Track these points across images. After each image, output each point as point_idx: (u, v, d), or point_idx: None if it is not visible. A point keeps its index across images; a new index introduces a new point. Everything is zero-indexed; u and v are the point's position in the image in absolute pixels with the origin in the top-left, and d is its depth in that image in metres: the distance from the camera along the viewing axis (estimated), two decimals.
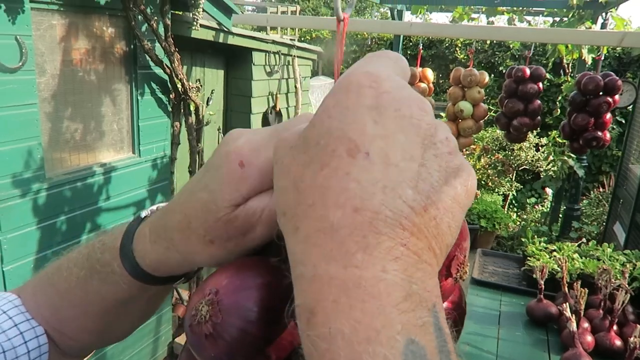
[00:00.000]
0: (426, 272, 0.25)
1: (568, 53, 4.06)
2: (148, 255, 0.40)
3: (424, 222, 0.25)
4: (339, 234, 0.24)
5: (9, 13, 1.87)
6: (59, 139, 2.24)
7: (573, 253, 2.46)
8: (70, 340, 0.48)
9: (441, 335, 0.24)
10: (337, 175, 0.25)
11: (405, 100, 0.27)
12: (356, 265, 0.24)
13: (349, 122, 0.26)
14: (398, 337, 0.22)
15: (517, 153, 5.79)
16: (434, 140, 0.27)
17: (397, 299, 0.23)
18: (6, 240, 1.99)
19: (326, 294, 0.24)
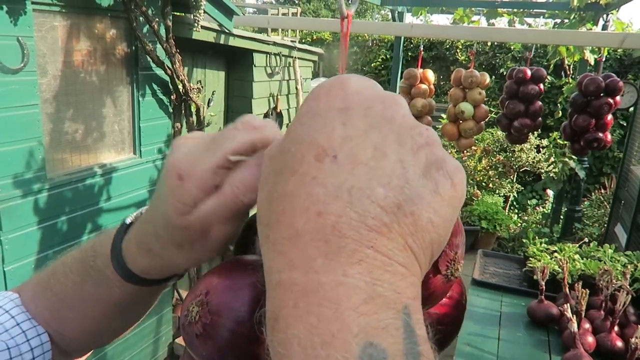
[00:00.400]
0: (397, 273, 0.24)
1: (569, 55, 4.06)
2: (138, 262, 0.41)
3: (397, 220, 0.25)
4: (302, 239, 0.24)
5: (10, 14, 1.87)
6: (61, 140, 2.24)
7: (574, 254, 2.46)
8: (70, 340, 0.49)
9: (411, 337, 0.23)
10: (305, 181, 0.25)
11: (376, 97, 0.27)
12: (316, 271, 0.23)
13: (319, 127, 0.26)
14: (354, 340, 0.22)
15: (518, 154, 5.79)
16: (411, 133, 0.27)
17: (357, 302, 0.23)
18: (7, 241, 1.99)
19: (287, 300, 0.24)
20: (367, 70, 7.92)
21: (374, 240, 0.24)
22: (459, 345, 1.98)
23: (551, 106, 6.53)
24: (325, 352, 0.22)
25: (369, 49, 7.83)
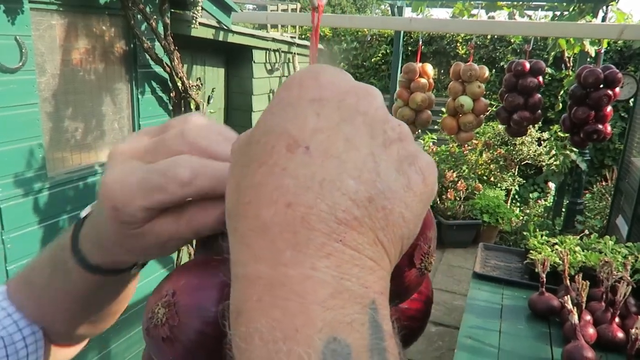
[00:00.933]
0: (365, 267, 0.24)
1: (569, 47, 4.05)
2: (93, 256, 0.41)
3: (368, 214, 0.24)
4: (271, 232, 0.23)
5: (8, 13, 1.88)
6: (60, 139, 2.25)
7: (575, 246, 2.46)
8: (53, 333, 0.49)
9: (377, 332, 0.23)
10: (274, 172, 0.24)
11: (349, 89, 0.26)
12: (284, 264, 0.23)
13: (290, 117, 0.25)
14: (318, 335, 0.22)
15: (519, 148, 5.77)
16: (384, 127, 0.26)
17: (324, 296, 0.22)
18: (9, 240, 2.00)
19: (251, 293, 0.23)
20: (367, 66, 7.91)
21: (344, 233, 0.23)
22: (460, 338, 1.99)
23: (552, 99, 6.51)
24: (287, 347, 0.21)
25: (368, 44, 7.81)
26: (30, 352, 0.47)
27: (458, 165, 5.79)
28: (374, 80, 7.89)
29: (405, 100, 2.94)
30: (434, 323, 3.86)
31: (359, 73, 8.01)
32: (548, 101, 6.73)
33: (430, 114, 3.00)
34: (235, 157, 0.27)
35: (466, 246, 5.20)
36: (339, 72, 0.27)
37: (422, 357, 3.44)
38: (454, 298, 4.15)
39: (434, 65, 7.41)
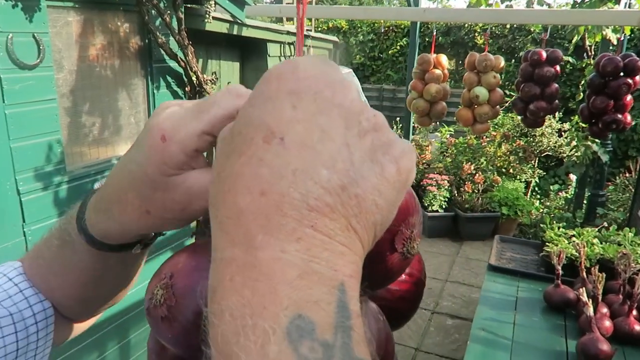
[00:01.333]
0: (336, 252, 0.25)
1: (590, 35, 3.96)
2: (96, 225, 0.42)
3: (340, 201, 0.25)
4: (246, 218, 0.25)
5: (26, 11, 1.92)
6: (78, 133, 2.30)
7: (593, 238, 2.42)
8: (60, 307, 0.51)
9: (343, 312, 0.24)
10: (251, 162, 0.25)
11: (325, 82, 0.27)
12: (256, 247, 0.24)
13: (269, 109, 0.26)
14: (284, 312, 0.23)
15: (539, 139, 5.68)
16: (359, 118, 0.27)
17: (291, 277, 0.24)
18: (30, 232, 2.06)
19: (225, 274, 0.24)
20: (384, 58, 7.85)
21: (315, 219, 0.25)
22: (473, 330, 1.98)
23: (573, 89, 6.38)
24: (253, 322, 0.23)
25: (385, 36, 7.74)
26: (40, 329, 0.48)
27: (476, 158, 5.73)
28: (391, 72, 7.83)
29: (420, 92, 2.92)
30: (450, 316, 3.85)
31: (376, 65, 7.96)
32: (569, 91, 6.59)
33: (445, 106, 2.97)
34: (219, 147, 0.29)
35: (484, 239, 5.15)
36: (317, 65, 0.28)
37: (438, 349, 3.44)
38: (472, 291, 4.13)
39: (452, 56, 7.32)
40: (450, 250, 5.06)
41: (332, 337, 0.23)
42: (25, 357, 0.48)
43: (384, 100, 7.64)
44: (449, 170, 5.64)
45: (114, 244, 0.43)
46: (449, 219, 5.31)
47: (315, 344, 0.22)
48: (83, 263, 0.45)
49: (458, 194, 5.40)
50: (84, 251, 0.44)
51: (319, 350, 0.22)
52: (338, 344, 0.23)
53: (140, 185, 0.37)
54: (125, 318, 2.60)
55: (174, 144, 0.35)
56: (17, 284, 0.48)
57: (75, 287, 0.48)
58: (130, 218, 0.39)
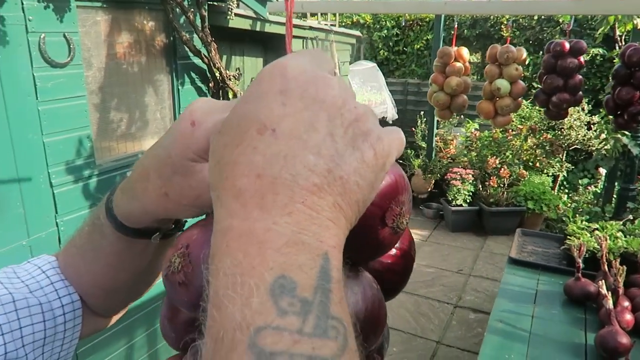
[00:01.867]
0: (322, 225, 0.28)
1: (620, 25, 3.85)
2: (120, 206, 0.46)
3: (327, 182, 0.29)
4: (243, 196, 0.29)
5: (57, 12, 2.01)
6: (107, 128, 2.39)
7: (617, 232, 2.38)
8: (88, 296, 0.54)
9: (324, 277, 0.27)
10: (247, 151, 0.29)
11: (310, 81, 0.31)
12: (251, 219, 0.28)
13: (261, 106, 0.30)
14: (269, 272, 0.26)
15: (567, 132, 5.56)
16: (341, 111, 0.31)
17: (280, 244, 0.27)
18: (62, 223, 2.17)
19: (223, 241, 0.28)
20: (409, 52, 7.79)
21: (305, 197, 0.28)
22: (491, 322, 1.98)
23: (603, 80, 6.21)
24: (242, 279, 0.26)
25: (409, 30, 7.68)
26: (67, 320, 0.52)
27: (501, 151, 5.65)
28: (415, 67, 7.77)
29: (440, 85, 2.91)
30: (472, 310, 3.83)
31: (400, 59, 7.91)
32: (600, 83, 6.42)
33: (466, 98, 2.96)
34: (216, 139, 0.33)
35: (509, 234, 5.08)
36: (303, 64, 0.32)
37: (461, 343, 3.43)
38: (495, 285, 4.09)
39: (478, 49, 7.21)
40: (474, 245, 5.02)
41: (312, 295, 0.26)
42: (52, 345, 0.51)
43: (408, 94, 7.59)
44: (473, 165, 5.58)
45: (135, 227, 0.47)
46: (473, 214, 5.26)
47: (295, 300, 0.25)
48: (109, 248, 0.49)
49: (483, 188, 5.35)
50: (111, 234, 0.48)
51: (297, 305, 0.25)
52: (316, 301, 0.26)
53: (163, 167, 0.41)
54: (153, 306, 2.70)
55: (201, 130, 0.39)
56: (49, 276, 0.52)
57: (102, 273, 0.52)
58: (151, 198, 0.43)
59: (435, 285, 4.18)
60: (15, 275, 0.52)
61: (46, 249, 2.09)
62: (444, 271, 4.44)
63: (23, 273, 0.52)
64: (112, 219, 0.47)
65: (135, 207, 0.45)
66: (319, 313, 0.26)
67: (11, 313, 0.47)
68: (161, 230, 0.49)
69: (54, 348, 0.51)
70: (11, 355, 0.46)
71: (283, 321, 0.25)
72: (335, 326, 0.26)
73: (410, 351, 3.33)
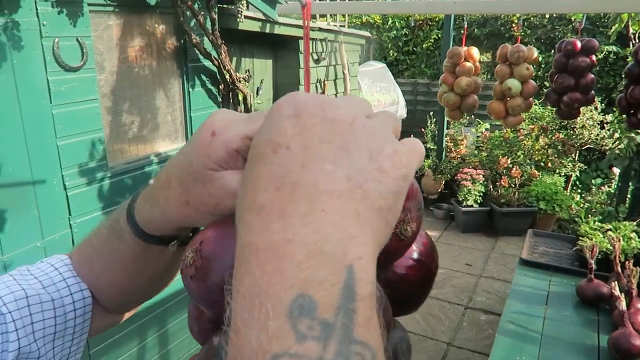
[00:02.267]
0: (345, 234, 0.27)
1: (634, 22, 3.81)
2: (141, 212, 0.47)
3: (347, 189, 0.29)
4: (264, 211, 0.28)
5: (70, 17, 2.04)
6: (119, 131, 2.42)
7: (631, 232, 2.36)
8: (103, 295, 0.56)
9: (348, 294, 0.25)
10: (265, 167, 0.30)
11: (318, 105, 0.32)
12: (271, 232, 0.27)
13: (274, 130, 0.31)
14: (287, 291, 0.25)
15: (579, 132, 5.50)
16: (351, 128, 0.32)
17: (300, 257, 0.26)
18: (76, 224, 2.20)
19: (242, 257, 0.28)
20: (418, 52, 7.77)
21: (326, 203, 0.27)
22: (502, 323, 1.97)
23: (616, 79, 6.14)
24: (259, 301, 0.25)
25: (419, 29, 7.66)
26: (77, 315, 0.53)
27: (513, 151, 5.61)
28: (425, 67, 7.74)
29: (450, 85, 2.90)
30: (484, 311, 3.81)
31: (410, 59, 7.89)
32: (613, 81, 6.35)
33: (476, 99, 2.94)
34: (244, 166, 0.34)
35: (521, 234, 5.04)
36: (311, 96, 0.33)
37: (472, 344, 3.42)
38: (506, 287, 4.07)
39: (488, 49, 7.16)
40: (485, 246, 4.99)
41: (333, 317, 0.24)
42: (62, 340, 0.52)
43: (418, 94, 7.57)
44: (484, 165, 5.55)
45: (155, 234, 0.48)
46: (484, 214, 5.23)
47: (315, 322, 0.24)
48: (127, 251, 0.50)
49: (494, 189, 5.32)
50: (130, 239, 0.49)
51: (317, 328, 0.24)
52: (338, 324, 0.24)
53: (184, 175, 0.42)
54: (164, 307, 2.72)
55: (220, 140, 0.39)
56: (62, 273, 0.54)
57: (118, 274, 0.53)
58: (172, 206, 0.44)
59: (445, 287, 4.16)
60: (28, 273, 0.53)
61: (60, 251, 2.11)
62: (454, 272, 4.42)
63: (36, 271, 0.54)
64: (133, 225, 0.48)
65: (156, 214, 0.46)
66: (340, 338, 0.24)
67: (24, 309, 0.48)
68: (179, 238, 0.49)
69: (64, 343, 0.53)
70: (25, 350, 0.47)
71: (302, 347, 0.23)
72: (360, 352, 0.24)
73: (421, 352, 3.32)
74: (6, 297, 0.47)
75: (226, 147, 0.39)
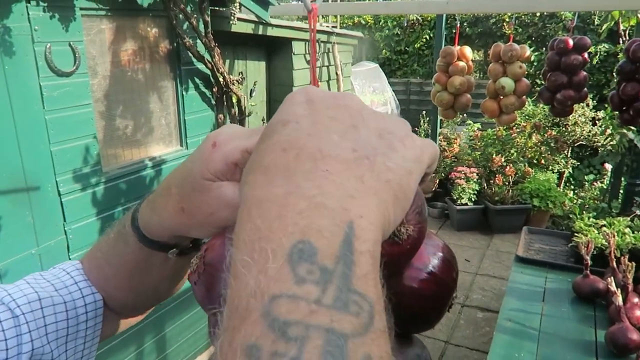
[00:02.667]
0: (348, 194, 0.27)
1: (624, 20, 3.84)
2: (143, 217, 0.48)
3: (353, 158, 0.29)
4: (269, 170, 0.29)
5: (62, 21, 2.03)
6: (113, 136, 2.41)
7: (625, 228, 2.38)
8: (113, 299, 0.56)
9: (348, 246, 0.25)
10: (273, 138, 0.31)
11: (329, 95, 0.33)
12: (274, 186, 0.28)
13: (285, 110, 0.32)
14: (288, 236, 0.25)
15: (571, 128, 5.54)
16: (362, 113, 0.33)
17: (302, 207, 0.26)
18: (71, 231, 2.18)
19: (244, 209, 0.28)
20: (410, 52, 7.79)
21: (330, 164, 0.28)
22: (500, 321, 1.98)
23: (608, 76, 6.19)
24: (259, 245, 0.25)
25: (410, 29, 7.69)
26: (89, 318, 0.54)
27: (506, 149, 5.64)
28: (418, 66, 7.77)
29: (444, 85, 2.91)
30: (480, 309, 3.83)
31: (402, 59, 7.91)
32: (604, 78, 6.40)
33: (469, 97, 2.96)
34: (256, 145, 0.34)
35: (515, 231, 5.06)
36: (322, 90, 0.35)
37: (469, 342, 3.43)
38: (502, 284, 4.09)
39: (480, 47, 7.20)
40: (480, 244, 5.01)
41: (333, 264, 0.24)
42: (75, 343, 0.53)
43: (411, 94, 7.59)
44: (478, 163, 5.58)
45: (154, 239, 0.48)
46: (479, 212, 5.25)
47: (314, 267, 0.24)
48: (131, 256, 0.51)
49: (488, 187, 5.34)
50: (134, 244, 0.50)
51: (316, 273, 0.24)
52: (338, 271, 0.24)
53: (183, 183, 0.43)
54: (162, 312, 2.71)
55: (220, 152, 0.40)
56: (74, 277, 0.55)
57: (126, 278, 0.54)
58: (168, 212, 0.45)
59: None
60: (41, 277, 0.54)
61: (55, 258, 2.11)
62: None
63: (49, 275, 0.55)
64: (136, 230, 0.49)
65: (154, 220, 0.47)
66: (340, 284, 0.24)
67: (37, 311, 0.49)
68: (178, 247, 0.50)
69: (77, 345, 0.54)
70: (38, 351, 0.48)
71: (300, 289, 0.23)
72: (358, 301, 0.24)
73: None
74: (20, 300, 0.48)
75: (225, 159, 0.40)
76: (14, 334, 0.46)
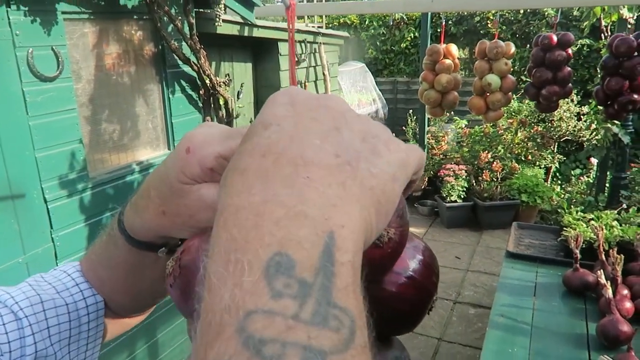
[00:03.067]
0: (329, 202, 0.26)
1: (606, 15, 3.89)
2: (127, 219, 0.48)
3: (335, 164, 0.28)
4: (247, 174, 0.28)
5: (44, 25, 2.00)
6: (99, 140, 2.38)
7: (612, 221, 2.40)
8: (110, 300, 0.56)
9: (328, 258, 0.24)
10: (252, 139, 0.29)
11: (312, 96, 0.32)
12: (251, 194, 0.26)
13: (266, 112, 0.31)
14: (265, 248, 0.24)
15: (557, 124, 5.60)
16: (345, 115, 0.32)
17: (279, 216, 0.25)
18: (58, 238, 2.15)
19: (220, 218, 0.27)
20: (396, 50, 7.82)
21: (311, 171, 0.27)
22: (492, 316, 1.99)
23: (591, 71, 6.26)
24: (235, 257, 0.24)
25: (396, 28, 7.71)
26: (91, 319, 0.54)
27: (493, 146, 5.68)
28: (404, 65, 7.80)
29: (431, 83, 2.92)
30: (472, 305, 3.85)
31: (389, 58, 7.94)
32: (587, 73, 6.48)
33: (457, 95, 2.97)
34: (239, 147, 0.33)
35: (505, 227, 5.11)
36: (307, 91, 0.34)
37: (461, 339, 3.44)
38: (493, 280, 4.11)
39: (465, 45, 7.25)
40: (471, 240, 5.04)
41: (312, 277, 0.23)
42: (77, 344, 0.53)
43: (397, 92, 7.62)
44: (466, 160, 5.61)
45: (141, 240, 0.48)
46: (468, 209, 5.29)
47: (292, 280, 0.23)
48: (122, 257, 0.51)
49: (476, 183, 5.38)
50: (122, 245, 0.49)
51: (294, 287, 0.23)
52: (317, 284, 0.23)
53: (162, 186, 0.42)
54: (153, 318, 2.68)
55: (195, 158, 0.39)
56: (74, 278, 0.55)
57: (120, 280, 0.54)
58: (150, 215, 0.44)
59: None
60: (42, 280, 0.54)
61: (43, 265, 2.08)
62: (442, 268, 4.45)
63: (50, 278, 0.55)
64: (122, 231, 0.48)
65: (137, 222, 0.46)
66: (319, 298, 0.23)
67: (40, 313, 0.49)
68: (167, 246, 0.49)
69: (79, 347, 0.54)
70: (41, 354, 0.48)
71: (277, 304, 0.22)
72: (338, 316, 0.23)
73: (412, 349, 3.34)
74: (22, 302, 0.48)
75: (200, 165, 0.40)
76: (17, 337, 0.46)
